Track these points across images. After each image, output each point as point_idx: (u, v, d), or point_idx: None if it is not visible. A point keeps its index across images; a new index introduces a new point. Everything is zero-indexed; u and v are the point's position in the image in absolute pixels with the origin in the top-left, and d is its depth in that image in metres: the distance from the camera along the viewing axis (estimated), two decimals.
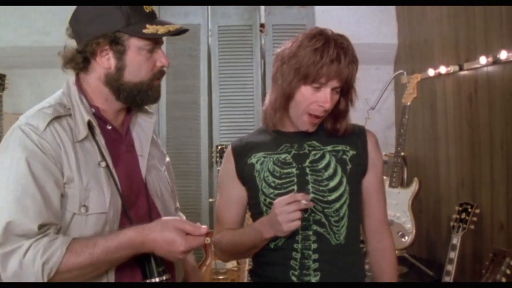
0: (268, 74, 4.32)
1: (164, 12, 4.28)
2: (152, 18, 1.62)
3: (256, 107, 4.34)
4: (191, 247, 1.49)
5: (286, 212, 1.62)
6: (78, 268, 1.43)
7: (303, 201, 1.64)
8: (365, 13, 4.32)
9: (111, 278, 1.54)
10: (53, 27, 4.09)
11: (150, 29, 1.57)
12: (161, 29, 1.58)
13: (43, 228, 1.43)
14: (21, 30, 4.23)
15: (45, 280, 1.39)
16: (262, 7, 4.42)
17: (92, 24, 1.56)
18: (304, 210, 1.69)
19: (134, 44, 1.58)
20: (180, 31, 1.64)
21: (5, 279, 1.43)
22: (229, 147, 1.93)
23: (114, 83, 1.60)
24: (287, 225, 1.63)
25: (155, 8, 1.67)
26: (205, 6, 4.40)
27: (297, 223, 1.63)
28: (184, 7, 4.35)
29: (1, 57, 4.20)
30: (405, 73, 4.04)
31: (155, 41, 1.61)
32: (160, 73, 1.67)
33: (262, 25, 4.41)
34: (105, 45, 1.56)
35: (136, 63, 1.59)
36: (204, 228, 1.50)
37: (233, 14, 4.42)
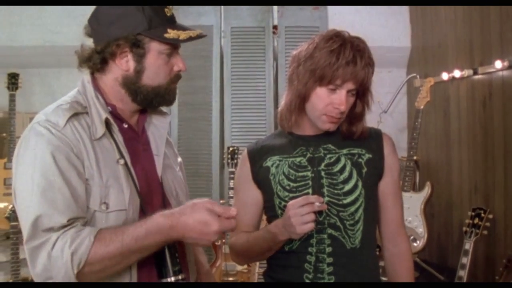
0: (280, 76, 4.33)
1: (177, 13, 4.23)
2: (173, 22, 1.62)
3: (268, 109, 4.33)
4: (224, 227, 1.46)
5: (300, 214, 1.61)
6: (107, 258, 1.40)
7: (317, 203, 1.62)
8: (379, 16, 4.30)
9: (133, 277, 1.52)
10: (65, 26, 4.12)
11: (171, 33, 1.57)
12: (182, 35, 1.58)
13: (71, 220, 1.41)
14: (34, 29, 4.24)
15: (75, 271, 1.36)
16: (275, 9, 4.41)
17: (113, 25, 1.54)
18: (319, 213, 1.68)
19: (154, 48, 1.57)
20: (200, 37, 1.64)
21: (35, 275, 1.41)
22: (245, 151, 1.92)
23: (132, 85, 1.60)
24: (301, 227, 1.61)
25: None
26: (218, 8, 4.40)
27: (311, 226, 1.61)
28: (197, 8, 4.35)
29: (14, 57, 4.22)
30: (418, 76, 4.02)
31: (174, 45, 1.61)
32: (176, 78, 1.67)
33: (275, 27, 4.40)
34: (125, 47, 1.55)
35: (155, 66, 1.59)
36: (233, 210, 1.46)
37: (246, 15, 4.41)
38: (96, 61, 1.59)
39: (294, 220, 1.61)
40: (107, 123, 1.56)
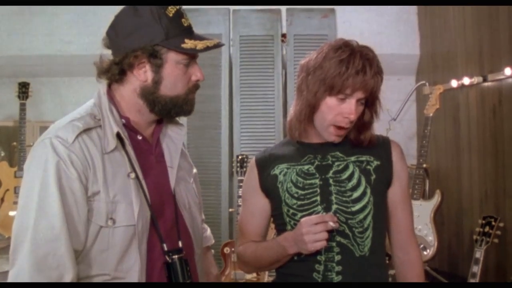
0: (289, 84, 4.32)
1: None
2: (190, 33, 1.62)
3: (277, 117, 4.33)
4: None
5: (313, 232, 1.62)
6: None
7: (331, 223, 1.64)
8: (387, 24, 4.30)
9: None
10: (76, 36, 4.14)
11: (189, 43, 1.57)
12: (199, 45, 1.59)
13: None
14: (44, 39, 4.29)
15: None
16: (284, 18, 4.41)
17: (131, 36, 1.56)
18: (330, 231, 1.68)
19: (172, 58, 1.58)
20: (217, 46, 1.65)
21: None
22: (253, 159, 1.92)
23: (150, 96, 1.61)
24: (313, 245, 1.63)
25: None
26: (227, 17, 4.40)
27: (323, 243, 1.63)
28: (206, 17, 4.36)
29: (24, 66, 4.26)
30: (427, 84, 4.01)
31: (191, 55, 1.62)
32: (195, 87, 1.67)
33: (283, 35, 4.40)
34: (143, 58, 1.56)
35: (173, 77, 1.60)
36: None
37: (254, 24, 4.41)
38: (114, 72, 1.60)
39: (307, 237, 1.63)
40: (119, 137, 1.56)
